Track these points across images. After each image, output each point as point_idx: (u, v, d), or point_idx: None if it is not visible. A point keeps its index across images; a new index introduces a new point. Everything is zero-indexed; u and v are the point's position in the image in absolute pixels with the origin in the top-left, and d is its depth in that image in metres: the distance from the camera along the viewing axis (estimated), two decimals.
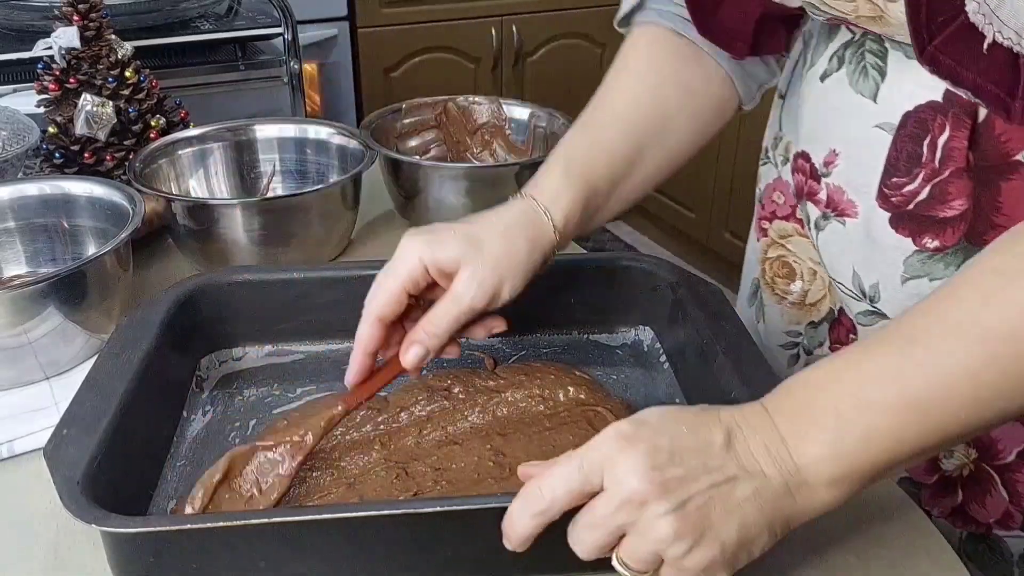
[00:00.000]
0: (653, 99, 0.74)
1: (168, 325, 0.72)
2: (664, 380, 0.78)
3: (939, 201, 0.65)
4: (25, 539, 0.64)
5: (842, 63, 0.70)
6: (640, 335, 0.83)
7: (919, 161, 0.65)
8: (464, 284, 0.63)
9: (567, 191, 0.68)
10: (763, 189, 0.86)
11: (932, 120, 0.63)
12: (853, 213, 0.71)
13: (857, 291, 0.73)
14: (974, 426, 0.50)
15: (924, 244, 0.66)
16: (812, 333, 0.81)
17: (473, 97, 1.17)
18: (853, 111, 0.69)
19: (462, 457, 0.68)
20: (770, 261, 0.85)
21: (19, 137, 1.03)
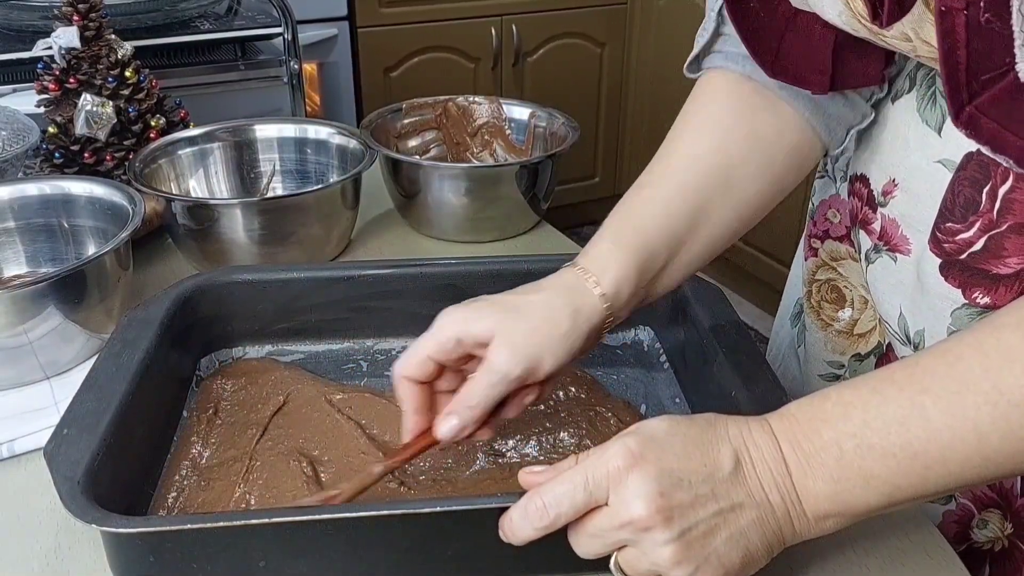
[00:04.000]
0: (716, 153, 0.66)
1: (168, 325, 0.72)
2: (664, 380, 0.78)
3: (994, 255, 0.60)
4: (25, 539, 0.64)
5: (913, 84, 0.65)
6: (640, 335, 0.83)
7: (976, 209, 0.60)
8: (497, 353, 0.58)
9: (618, 256, 0.62)
10: (816, 204, 0.79)
11: (995, 166, 0.59)
12: (906, 250, 0.66)
13: (902, 335, 0.68)
14: (974, 482, 0.50)
15: (975, 299, 0.62)
16: (857, 366, 0.76)
17: (473, 97, 1.17)
18: (917, 140, 0.64)
19: (461, 457, 0.68)
20: (818, 284, 0.79)
21: (19, 137, 1.03)
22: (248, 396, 0.75)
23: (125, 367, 0.66)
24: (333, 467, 0.68)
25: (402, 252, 1.03)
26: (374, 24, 2.48)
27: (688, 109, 0.69)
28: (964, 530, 0.69)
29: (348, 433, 0.71)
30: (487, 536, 0.53)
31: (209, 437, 0.71)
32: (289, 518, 0.55)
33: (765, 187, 0.67)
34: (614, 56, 2.82)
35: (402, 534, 0.56)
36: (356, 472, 0.66)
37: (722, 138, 0.66)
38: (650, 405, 0.76)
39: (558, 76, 2.75)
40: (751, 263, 2.54)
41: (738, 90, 0.67)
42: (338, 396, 0.75)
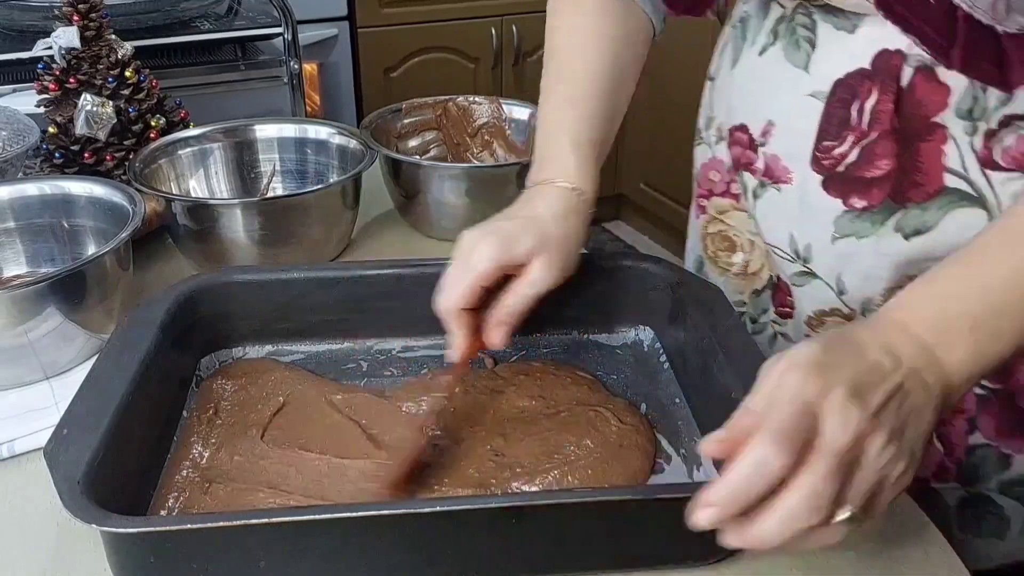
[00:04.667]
0: (615, 62, 0.79)
1: (168, 325, 0.72)
2: (664, 380, 0.78)
3: (867, 162, 0.70)
4: (25, 539, 0.64)
5: (777, 37, 0.76)
6: (640, 335, 0.83)
7: (848, 124, 0.70)
8: (542, 270, 0.68)
9: (585, 165, 0.74)
10: (699, 169, 0.92)
11: (860, 86, 0.69)
12: (788, 179, 0.77)
13: (792, 253, 0.79)
14: None
15: (852, 204, 0.72)
16: (756, 300, 0.88)
17: (473, 97, 1.17)
18: (787, 82, 0.74)
19: (462, 457, 0.68)
20: (711, 236, 0.91)
21: (19, 137, 1.03)
22: (248, 396, 0.75)
23: (125, 367, 0.66)
24: (337, 464, 0.68)
25: (402, 252, 1.03)
26: (374, 24, 2.48)
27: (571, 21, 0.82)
28: None
29: (349, 433, 0.71)
30: (487, 536, 0.53)
31: (209, 437, 0.71)
32: (288, 518, 0.55)
33: (636, 75, 0.83)
34: None
35: (401, 534, 0.56)
36: (361, 468, 0.67)
37: (613, 46, 0.79)
38: (650, 405, 0.75)
39: None
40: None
41: (603, 2, 0.80)
42: (338, 396, 0.75)
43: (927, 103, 0.67)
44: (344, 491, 0.65)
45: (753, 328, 0.89)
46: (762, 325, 0.88)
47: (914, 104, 0.67)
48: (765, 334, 0.88)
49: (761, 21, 0.78)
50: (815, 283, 0.78)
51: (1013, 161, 0.66)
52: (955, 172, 0.67)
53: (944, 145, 0.67)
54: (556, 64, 0.81)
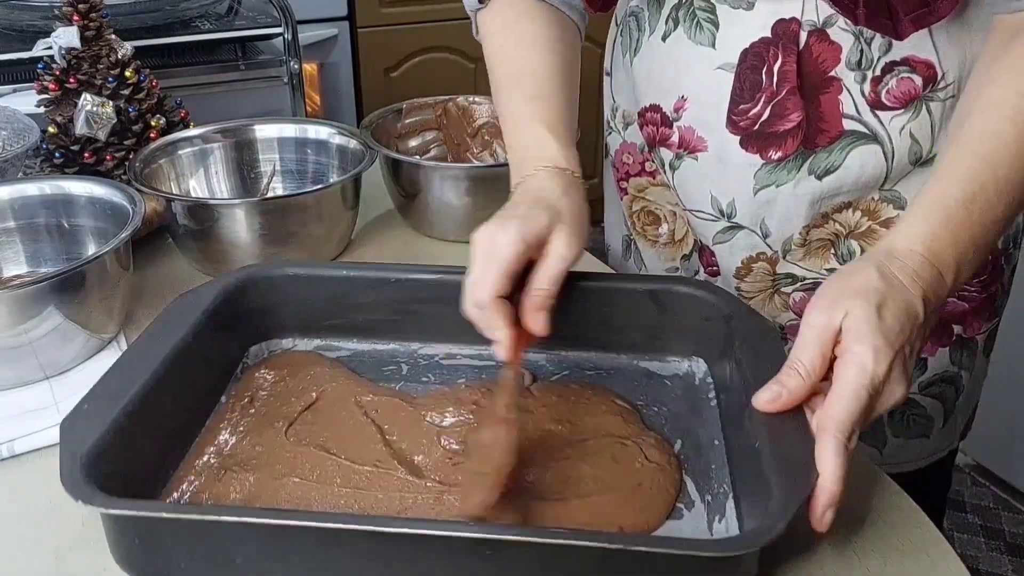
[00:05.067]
0: (560, 58, 0.85)
1: (214, 312, 0.73)
2: (709, 418, 0.73)
3: (779, 117, 0.79)
4: (25, 539, 0.64)
5: (678, 23, 0.83)
6: (693, 367, 0.79)
7: (760, 87, 0.79)
8: (563, 243, 0.70)
9: (567, 148, 0.78)
10: (613, 155, 1.01)
11: (766, 52, 0.78)
12: (703, 147, 0.84)
13: (715, 212, 0.86)
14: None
15: (770, 156, 0.81)
16: (687, 264, 0.96)
17: (473, 97, 1.17)
18: (696, 60, 0.82)
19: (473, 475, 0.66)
20: (636, 214, 1.00)
21: (19, 137, 1.03)
22: (285, 388, 0.75)
23: (158, 349, 0.67)
24: (347, 468, 0.68)
25: (402, 253, 1.03)
26: (374, 24, 2.48)
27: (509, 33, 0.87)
28: None
29: (368, 438, 0.70)
30: (461, 562, 0.53)
31: (239, 425, 0.71)
32: (264, 520, 0.54)
33: (578, 70, 0.89)
34: None
35: (377, 550, 0.55)
36: (368, 474, 0.67)
37: (555, 47, 0.85)
38: (687, 443, 0.71)
39: None
40: None
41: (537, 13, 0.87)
42: (367, 397, 0.74)
43: (823, 60, 0.77)
44: (343, 495, 0.65)
45: None
46: None
47: (812, 62, 0.77)
48: None
49: (656, 12, 0.86)
50: (740, 233, 0.86)
51: (896, 100, 0.77)
52: (851, 116, 0.78)
53: (840, 95, 0.78)
54: (503, 70, 0.86)
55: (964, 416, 0.95)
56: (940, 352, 0.89)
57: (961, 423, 0.95)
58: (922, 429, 0.92)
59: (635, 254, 1.03)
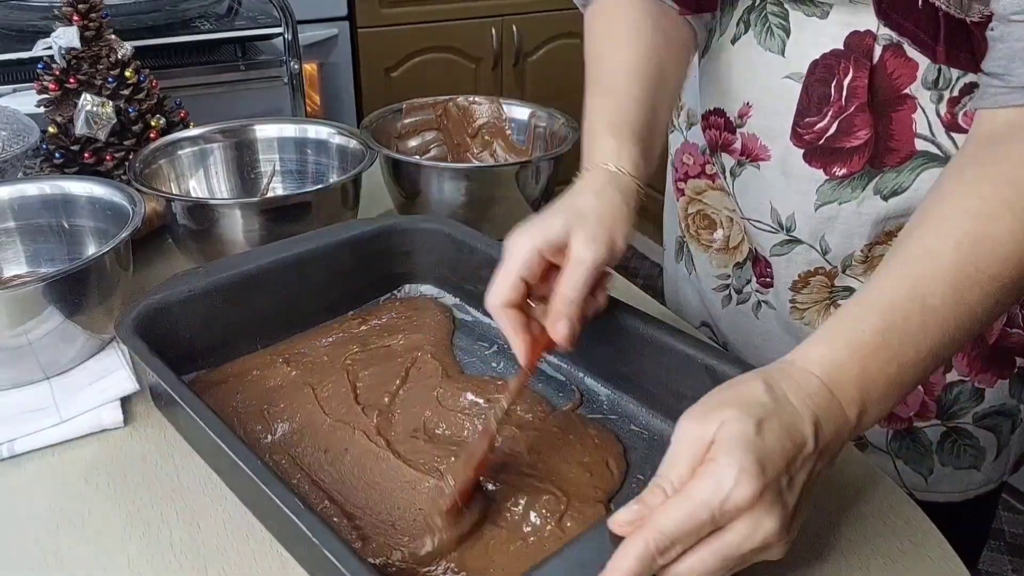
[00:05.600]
0: (653, 55, 0.80)
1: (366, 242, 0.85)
2: None
3: (845, 133, 0.76)
4: (25, 539, 0.64)
5: (748, 27, 0.81)
6: None
7: (828, 100, 0.76)
8: (581, 245, 0.65)
9: (625, 147, 0.73)
10: (674, 154, 0.99)
11: (837, 65, 0.75)
12: (766, 156, 0.82)
13: (775, 224, 0.84)
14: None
15: (834, 173, 0.78)
16: (739, 273, 0.93)
17: (473, 97, 1.17)
18: (763, 66, 0.80)
19: (425, 453, 0.69)
20: (691, 216, 0.97)
21: (19, 137, 1.03)
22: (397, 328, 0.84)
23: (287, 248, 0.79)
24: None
25: None
26: (374, 24, 2.48)
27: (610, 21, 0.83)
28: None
29: (410, 414, 0.75)
30: None
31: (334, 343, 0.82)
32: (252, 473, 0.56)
33: (680, 77, 0.85)
34: None
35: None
36: (345, 434, 0.71)
37: (651, 44, 0.81)
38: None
39: (558, 76, 2.75)
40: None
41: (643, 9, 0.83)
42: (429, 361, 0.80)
43: (897, 77, 0.73)
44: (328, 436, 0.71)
45: (738, 299, 0.94)
46: (746, 295, 0.93)
47: (885, 78, 0.74)
48: (750, 303, 0.93)
49: (729, 12, 0.83)
50: (799, 248, 0.83)
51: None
52: (924, 137, 0.74)
53: (914, 113, 0.74)
54: (594, 64, 0.82)
55: (1018, 450, 0.90)
56: (1000, 384, 0.84)
57: (1014, 457, 0.90)
58: (972, 460, 0.87)
59: (687, 257, 1.00)
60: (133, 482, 0.69)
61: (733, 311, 0.95)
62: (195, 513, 0.66)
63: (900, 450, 0.86)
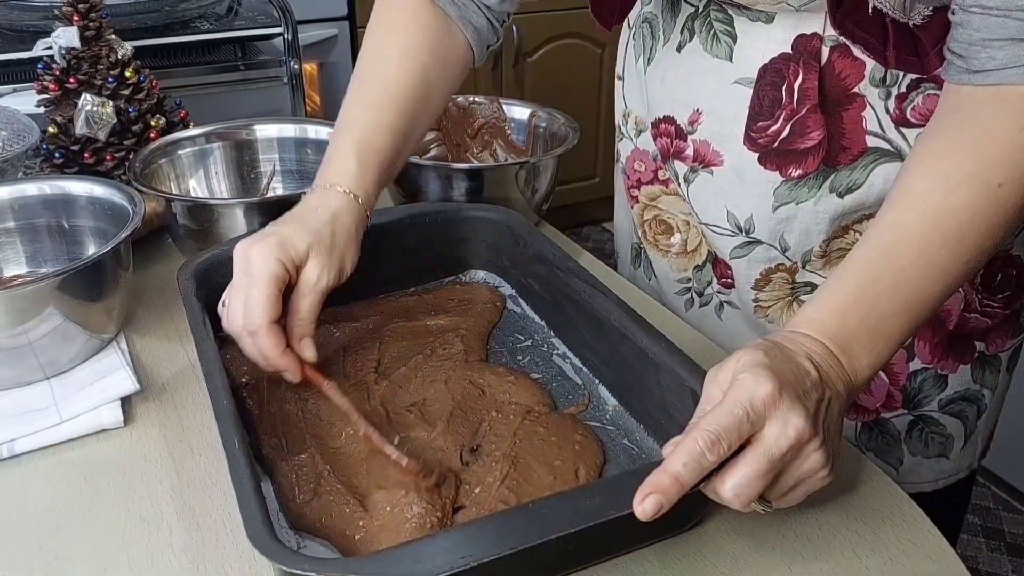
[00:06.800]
0: (423, 80, 0.82)
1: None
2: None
3: (799, 135, 0.77)
4: (25, 539, 0.64)
5: (693, 34, 0.82)
6: None
7: (780, 104, 0.77)
8: (316, 271, 0.71)
9: (366, 175, 0.77)
10: (624, 162, 0.99)
11: (786, 68, 0.76)
12: (719, 162, 0.83)
13: (733, 227, 0.85)
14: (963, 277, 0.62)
15: (790, 174, 0.79)
16: (699, 275, 0.94)
17: (473, 97, 1.17)
18: (712, 73, 0.80)
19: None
20: (647, 222, 0.97)
21: (19, 137, 1.03)
22: (447, 309, 0.88)
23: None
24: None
25: None
26: None
27: (391, 25, 0.84)
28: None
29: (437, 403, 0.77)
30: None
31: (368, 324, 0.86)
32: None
33: (445, 99, 0.87)
34: (614, 56, 2.81)
35: None
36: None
37: (425, 64, 0.82)
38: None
39: (558, 76, 2.75)
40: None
41: (429, 17, 0.83)
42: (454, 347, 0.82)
43: (845, 76, 0.75)
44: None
45: (700, 301, 0.95)
46: (708, 297, 0.94)
47: (834, 79, 0.75)
48: (712, 304, 0.94)
49: (671, 20, 0.84)
50: (759, 248, 0.84)
51: (922, 117, 0.75)
52: (875, 133, 0.76)
53: (863, 111, 0.76)
54: (362, 71, 0.83)
55: (985, 436, 0.93)
56: (962, 369, 0.86)
57: (982, 443, 0.93)
58: (940, 448, 0.89)
59: (644, 263, 1.01)
60: (133, 482, 0.69)
61: (697, 314, 0.96)
62: (195, 513, 0.66)
63: (869, 442, 0.88)
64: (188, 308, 0.76)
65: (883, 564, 0.61)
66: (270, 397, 0.76)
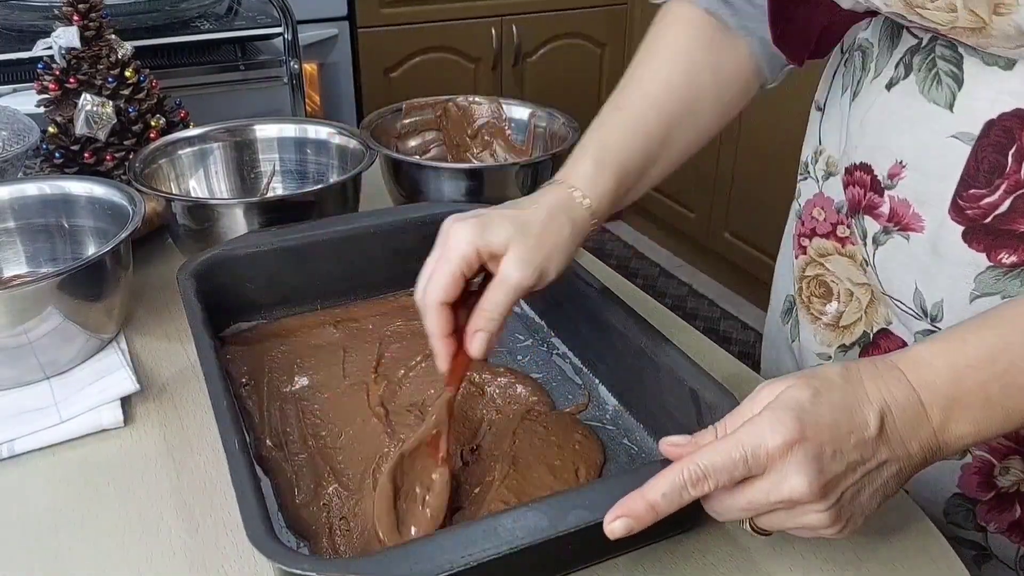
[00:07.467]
0: (686, 83, 0.73)
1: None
2: None
3: (1021, 214, 0.62)
4: (25, 539, 0.64)
5: (910, 70, 0.68)
6: None
7: (1002, 172, 0.62)
8: (513, 265, 0.63)
9: (601, 177, 0.70)
10: (803, 205, 0.83)
11: (1019, 128, 0.61)
12: (919, 227, 0.68)
13: (918, 310, 0.70)
14: None
15: (1000, 260, 0.64)
16: (842, 357, 0.80)
17: (473, 97, 1.17)
18: (925, 120, 0.66)
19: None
20: (808, 280, 0.83)
21: (19, 137, 1.03)
22: None
23: (346, 224, 0.87)
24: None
25: None
26: (374, 24, 2.48)
27: (658, 36, 0.76)
28: (987, 479, 0.71)
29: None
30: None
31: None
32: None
33: (719, 116, 0.76)
34: (614, 56, 2.82)
35: None
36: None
37: (691, 70, 0.74)
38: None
39: (558, 76, 2.75)
40: (738, 255, 2.55)
41: (703, 25, 0.74)
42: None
43: None
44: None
45: None
46: None
47: None
48: None
49: (887, 51, 0.70)
50: None
51: None
52: None
53: None
54: (624, 78, 0.75)
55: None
56: None
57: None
58: None
59: (793, 323, 0.86)
60: (133, 482, 0.69)
61: None
62: (195, 513, 0.66)
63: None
64: (188, 308, 0.76)
65: (884, 565, 0.61)
66: (270, 397, 0.76)
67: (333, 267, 0.88)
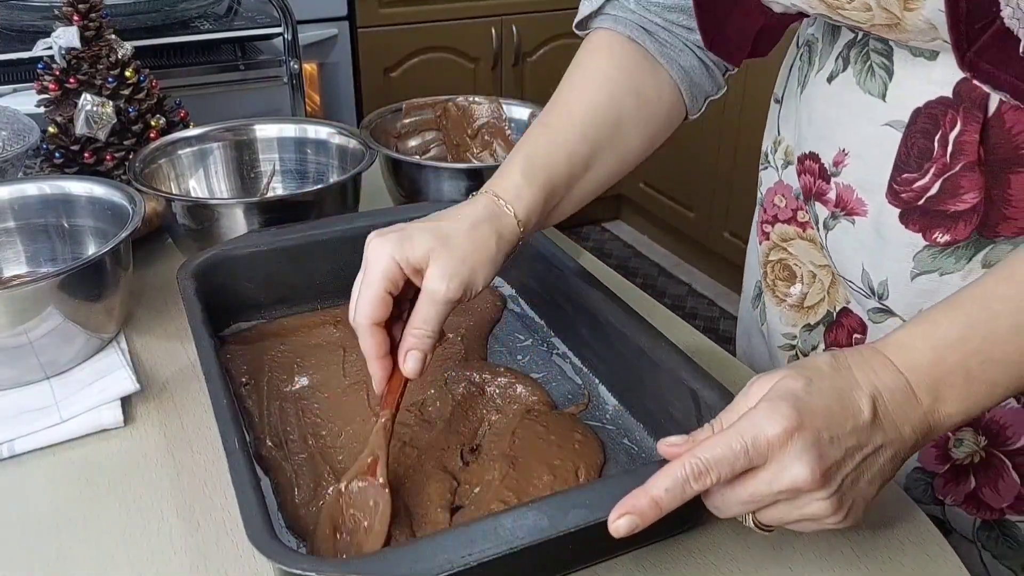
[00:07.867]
0: (610, 106, 0.74)
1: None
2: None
3: (950, 195, 0.65)
4: (25, 539, 0.64)
5: (848, 63, 0.71)
6: None
7: (930, 156, 0.65)
8: (436, 279, 0.63)
9: (528, 189, 0.69)
10: (764, 193, 0.87)
11: (943, 115, 0.64)
12: (863, 212, 0.71)
13: (867, 289, 0.73)
14: None
15: (934, 239, 0.67)
16: (807, 336, 0.83)
17: (473, 97, 1.17)
18: (862, 110, 0.69)
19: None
20: (772, 264, 0.86)
21: (19, 137, 1.03)
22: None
23: (347, 224, 0.86)
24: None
25: None
26: (374, 24, 2.48)
27: (583, 62, 0.78)
28: (943, 452, 0.74)
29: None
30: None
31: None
32: None
33: (644, 141, 0.77)
34: None
35: None
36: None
37: (615, 94, 0.75)
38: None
39: (558, 76, 2.74)
40: (739, 255, 2.55)
41: (625, 51, 0.76)
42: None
43: (1018, 133, 0.62)
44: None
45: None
46: None
47: (1003, 134, 0.62)
48: None
49: (829, 46, 0.74)
50: (890, 321, 0.73)
51: None
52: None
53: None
54: (555, 96, 0.77)
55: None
56: None
57: None
58: None
59: (761, 307, 0.90)
60: (133, 482, 0.69)
61: None
62: (195, 513, 0.66)
63: (988, 541, 0.76)
64: (188, 308, 0.76)
65: (883, 564, 0.61)
66: (270, 397, 0.76)
67: (333, 267, 0.87)
